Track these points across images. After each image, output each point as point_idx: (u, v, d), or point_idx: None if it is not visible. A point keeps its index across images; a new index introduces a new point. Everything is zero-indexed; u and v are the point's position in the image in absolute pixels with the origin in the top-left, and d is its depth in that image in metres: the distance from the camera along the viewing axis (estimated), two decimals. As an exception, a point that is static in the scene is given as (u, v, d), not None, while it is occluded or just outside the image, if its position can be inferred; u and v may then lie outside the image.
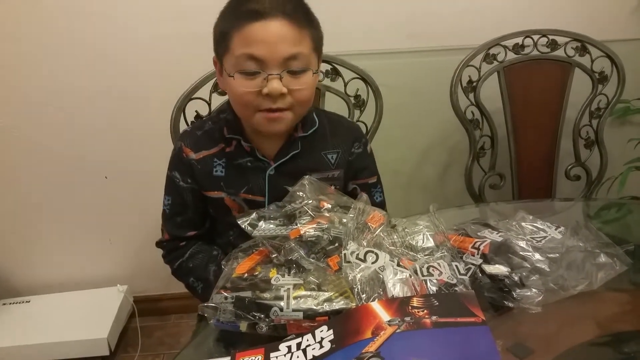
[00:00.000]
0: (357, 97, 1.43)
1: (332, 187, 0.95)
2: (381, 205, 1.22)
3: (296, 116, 1.02)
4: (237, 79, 0.97)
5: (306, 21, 0.97)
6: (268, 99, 0.96)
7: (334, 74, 1.41)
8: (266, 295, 0.75)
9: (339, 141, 1.13)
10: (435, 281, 0.76)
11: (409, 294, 0.73)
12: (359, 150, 1.16)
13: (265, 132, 1.02)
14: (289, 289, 0.75)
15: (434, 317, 0.67)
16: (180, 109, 1.31)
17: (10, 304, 2.01)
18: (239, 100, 1.00)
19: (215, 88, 1.31)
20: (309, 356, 0.67)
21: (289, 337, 0.72)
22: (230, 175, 1.08)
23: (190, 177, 1.10)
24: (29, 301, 2.02)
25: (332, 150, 1.12)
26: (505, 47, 1.58)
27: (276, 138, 1.08)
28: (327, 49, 1.40)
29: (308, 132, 1.09)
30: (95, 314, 1.92)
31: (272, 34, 0.93)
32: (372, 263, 0.77)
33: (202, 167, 1.08)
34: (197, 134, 1.12)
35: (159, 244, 1.17)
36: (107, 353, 1.83)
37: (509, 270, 0.81)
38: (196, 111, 1.29)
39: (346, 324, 0.69)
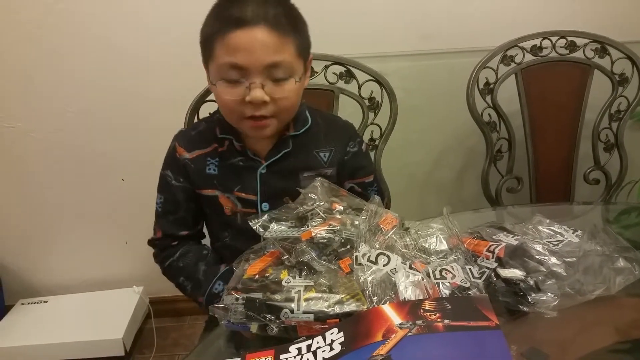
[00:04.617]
0: (371, 99, 1.43)
1: (344, 190, 0.94)
2: None
3: (281, 122, 1.04)
4: (220, 87, 0.99)
5: (290, 27, 0.97)
6: (251, 106, 0.97)
7: (348, 76, 1.41)
8: (277, 296, 0.74)
9: (333, 140, 1.14)
10: (448, 284, 0.74)
11: (421, 297, 0.72)
12: (354, 149, 1.16)
13: (252, 136, 1.05)
14: (299, 290, 0.74)
15: (446, 321, 0.66)
16: (195, 110, 1.32)
17: (28, 303, 2.04)
18: (224, 107, 1.03)
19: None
20: (319, 358, 0.66)
21: (299, 339, 0.71)
22: (223, 174, 1.10)
23: (183, 176, 1.12)
24: (46, 301, 2.05)
25: (325, 148, 1.13)
26: (522, 48, 1.56)
27: (267, 137, 1.09)
28: (342, 51, 1.41)
29: (300, 131, 1.11)
30: (111, 314, 1.95)
31: (254, 42, 0.93)
32: (384, 265, 0.75)
33: (196, 166, 1.11)
34: (192, 133, 1.14)
35: (150, 242, 1.18)
36: (122, 353, 1.85)
37: (525, 274, 0.79)
38: (210, 113, 1.29)
39: (357, 327, 0.68)
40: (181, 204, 1.13)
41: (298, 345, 0.69)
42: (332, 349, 0.67)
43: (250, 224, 0.85)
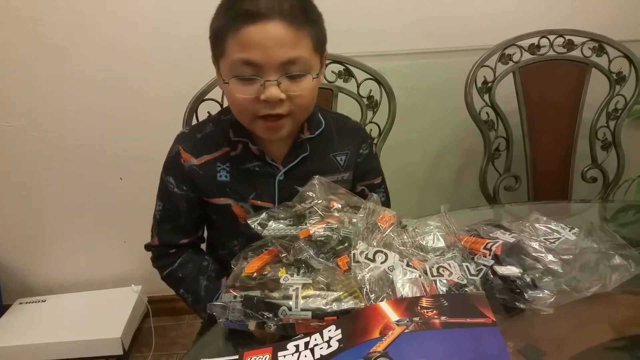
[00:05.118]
0: (370, 98, 1.43)
1: (342, 188, 0.94)
2: (385, 204, 1.17)
3: (296, 122, 0.99)
4: (233, 85, 0.93)
5: (305, 20, 0.91)
6: (266, 104, 0.92)
7: (347, 74, 1.41)
8: (275, 294, 0.75)
9: (346, 142, 1.10)
10: (445, 281, 0.75)
11: (418, 294, 0.72)
12: (366, 152, 1.14)
13: (266, 138, 1.00)
14: (297, 288, 0.75)
15: (443, 318, 0.66)
16: (193, 110, 1.31)
17: (26, 303, 2.04)
18: (236, 106, 0.97)
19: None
20: (317, 355, 0.66)
21: (297, 337, 0.71)
22: (236, 181, 1.04)
23: (188, 184, 1.05)
24: (44, 300, 2.04)
25: (341, 151, 1.09)
26: (520, 47, 1.57)
27: (282, 140, 1.04)
28: (341, 50, 1.41)
29: (315, 134, 1.06)
30: (110, 313, 1.94)
31: (269, 37, 0.88)
32: (382, 263, 0.76)
33: (205, 173, 1.03)
34: (197, 136, 1.06)
35: (147, 247, 1.12)
36: (120, 352, 1.84)
37: (521, 271, 0.80)
38: (208, 112, 1.29)
39: (354, 324, 0.68)
40: (182, 212, 1.06)
41: (296, 343, 0.70)
42: (329, 346, 0.67)
43: (249, 222, 0.85)
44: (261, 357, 0.69)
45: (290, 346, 0.69)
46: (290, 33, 0.89)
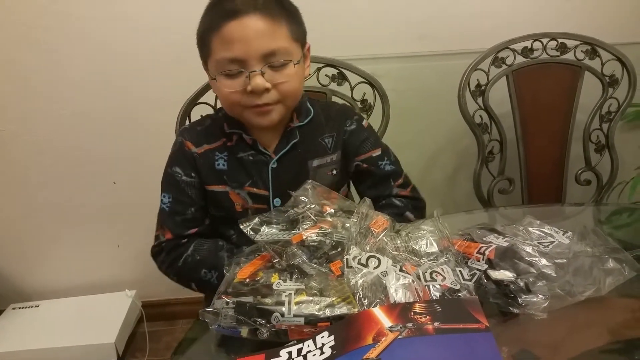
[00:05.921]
0: (363, 101, 1.43)
1: (335, 192, 0.93)
2: (394, 174, 1.20)
3: (287, 108, 1.05)
4: (220, 81, 1.00)
5: (280, 11, 0.98)
6: (254, 95, 0.99)
7: (341, 78, 1.41)
8: (268, 300, 0.74)
9: (333, 125, 1.15)
10: (438, 287, 0.74)
11: (411, 300, 0.72)
12: (352, 127, 1.17)
13: (258, 125, 1.04)
14: (290, 294, 0.74)
15: (436, 323, 0.66)
16: (186, 113, 1.31)
17: (19, 308, 2.03)
18: (226, 100, 1.03)
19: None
20: (310, 362, 0.66)
21: (290, 343, 0.71)
22: (233, 169, 1.09)
23: (195, 170, 1.10)
24: (38, 306, 2.04)
25: (328, 134, 1.14)
26: (514, 50, 1.57)
27: (274, 129, 1.10)
28: (334, 53, 1.41)
29: (304, 122, 1.12)
30: (104, 318, 1.94)
31: (248, 31, 0.95)
32: (374, 268, 0.75)
33: (204, 161, 1.10)
34: (197, 129, 1.14)
35: (157, 247, 1.10)
36: (114, 358, 1.84)
37: (515, 275, 0.79)
38: (201, 116, 1.29)
39: (347, 330, 0.68)
40: (192, 199, 1.10)
41: (289, 349, 0.69)
42: (322, 352, 0.66)
43: (241, 227, 0.85)
44: (254, 363, 0.68)
45: (283, 353, 0.69)
46: (267, 24, 0.96)
